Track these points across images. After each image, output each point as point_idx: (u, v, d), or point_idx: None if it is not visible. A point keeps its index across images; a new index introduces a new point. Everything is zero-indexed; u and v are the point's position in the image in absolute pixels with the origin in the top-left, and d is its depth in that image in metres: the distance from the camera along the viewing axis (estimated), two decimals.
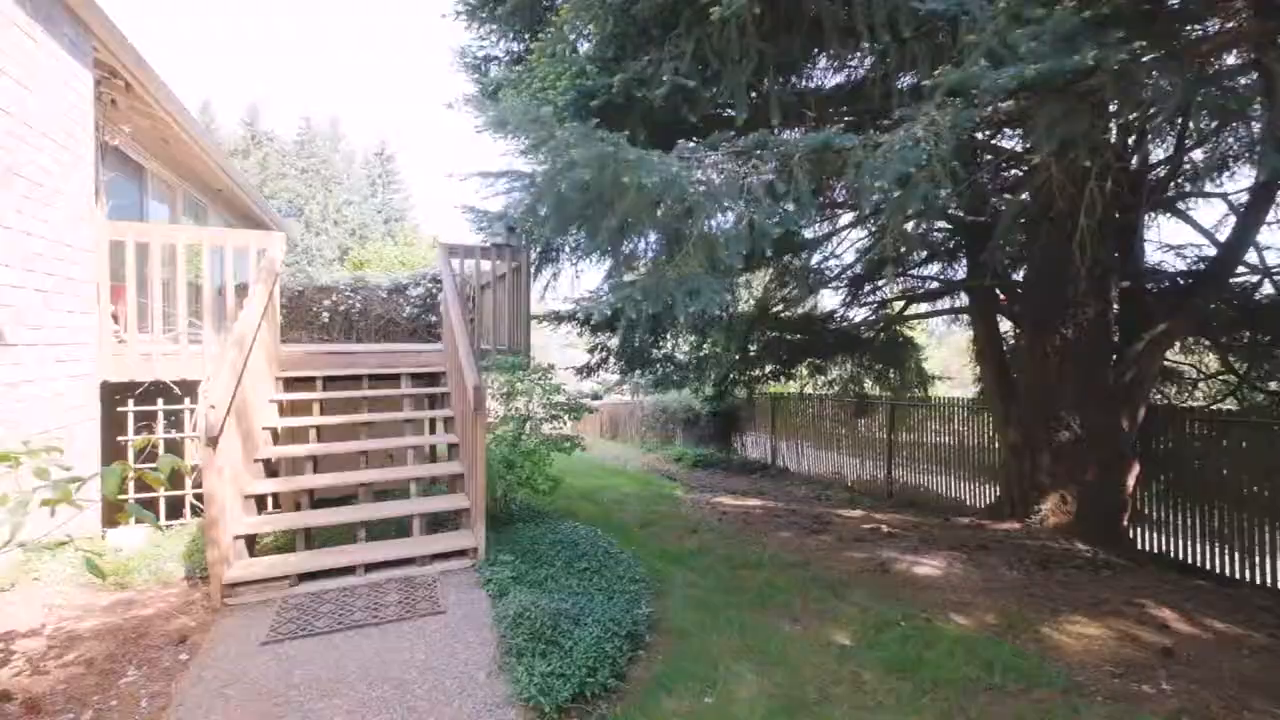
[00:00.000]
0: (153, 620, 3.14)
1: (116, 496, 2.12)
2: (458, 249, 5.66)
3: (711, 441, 14.49)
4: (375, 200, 36.62)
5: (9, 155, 3.55)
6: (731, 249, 2.52)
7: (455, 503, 4.08)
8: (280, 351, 5.06)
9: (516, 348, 5.89)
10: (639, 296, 2.62)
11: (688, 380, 11.24)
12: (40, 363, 3.83)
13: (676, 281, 2.62)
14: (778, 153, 2.53)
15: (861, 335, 10.55)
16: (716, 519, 6.70)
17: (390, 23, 78.57)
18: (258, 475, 4.11)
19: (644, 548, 4.99)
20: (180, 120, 6.22)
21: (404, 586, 3.45)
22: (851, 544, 5.48)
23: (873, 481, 10.57)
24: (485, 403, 3.75)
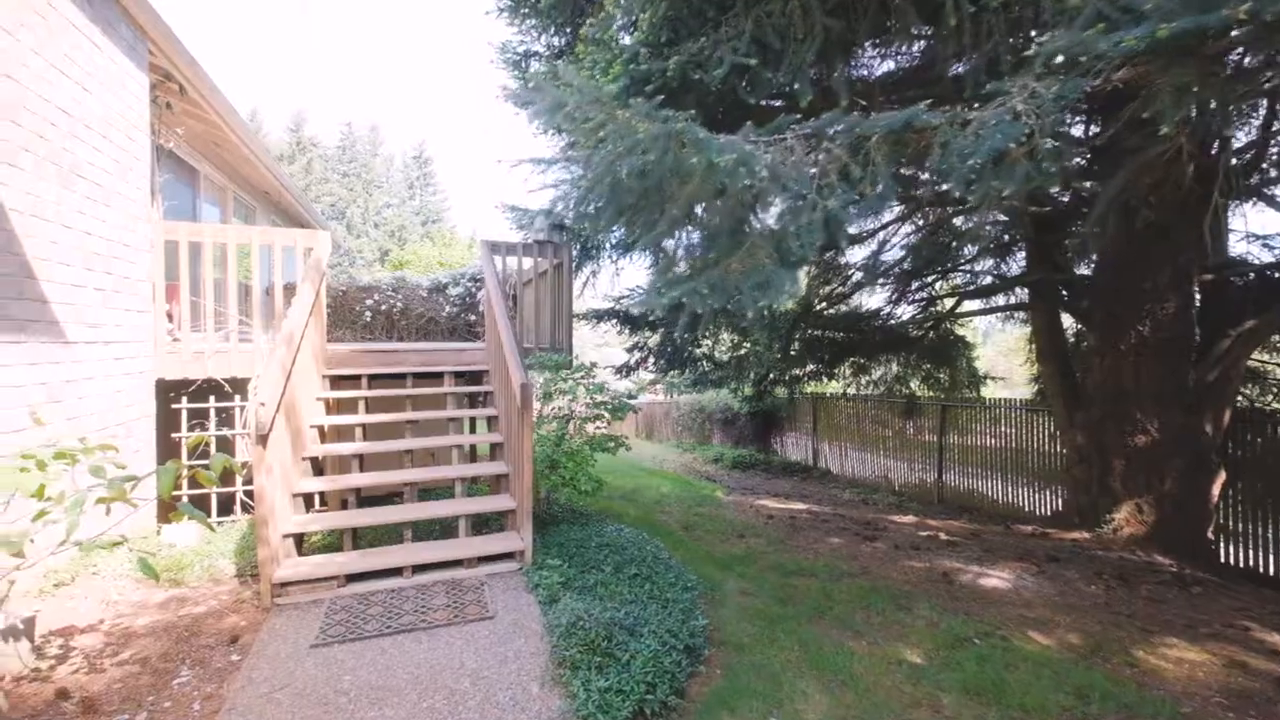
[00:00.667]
0: (205, 618, 3.13)
1: (169, 495, 2.07)
2: (500, 246, 5.59)
3: (750, 442, 14.21)
4: (413, 203, 37.37)
5: (70, 156, 3.61)
6: (804, 239, 2.34)
7: (500, 503, 4.00)
8: (326, 350, 5.08)
9: (558, 346, 5.80)
10: (705, 290, 2.46)
11: (726, 380, 11.02)
12: (99, 360, 3.89)
13: (743, 274, 2.45)
14: (852, 134, 2.33)
15: (909, 334, 10.16)
16: (762, 523, 6.48)
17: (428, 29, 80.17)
18: (305, 473, 4.10)
19: (690, 552, 4.82)
20: (231, 123, 6.33)
21: (451, 589, 3.37)
22: (908, 552, 5.20)
23: (921, 486, 10.16)
24: (533, 401, 3.64)
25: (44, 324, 3.34)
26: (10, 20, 3.10)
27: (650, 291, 2.91)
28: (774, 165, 2.31)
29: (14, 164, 3.11)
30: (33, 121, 3.27)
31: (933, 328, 10.05)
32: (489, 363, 5.39)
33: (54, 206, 3.44)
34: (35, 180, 3.28)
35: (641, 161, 2.35)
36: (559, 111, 2.44)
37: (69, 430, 3.57)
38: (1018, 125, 2.00)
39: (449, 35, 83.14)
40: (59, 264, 3.48)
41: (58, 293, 3.47)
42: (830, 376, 11.29)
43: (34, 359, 3.26)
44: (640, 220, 2.84)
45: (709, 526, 6.14)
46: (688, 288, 2.48)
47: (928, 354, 10.33)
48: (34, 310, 3.26)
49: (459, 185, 59.82)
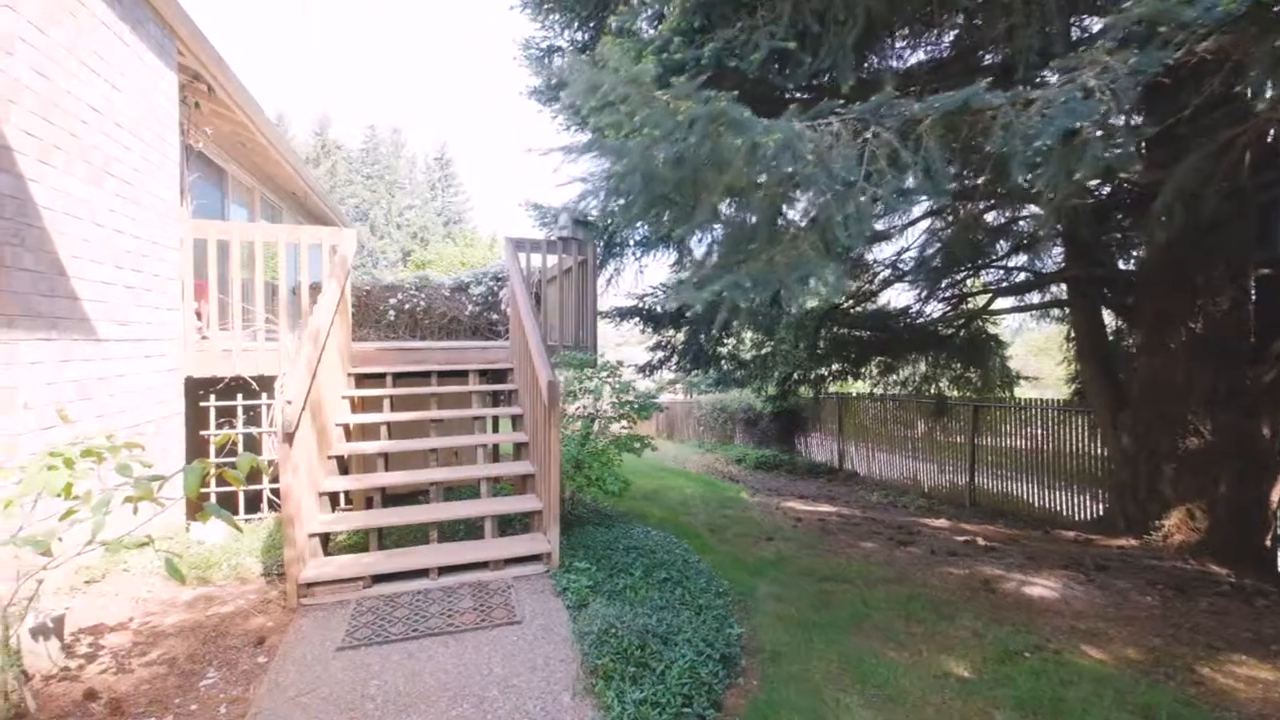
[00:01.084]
0: (232, 619, 3.09)
1: (196, 494, 2.01)
2: (524, 243, 5.52)
3: (773, 442, 14.00)
4: (435, 204, 37.71)
5: (100, 154, 3.61)
6: (851, 228, 2.21)
7: (526, 504, 3.92)
8: (352, 348, 5.06)
9: (583, 344, 5.71)
10: (747, 283, 2.34)
11: (750, 379, 10.85)
12: (129, 358, 3.90)
13: (788, 266, 2.33)
14: (902, 118, 2.19)
15: (939, 332, 9.89)
16: (790, 526, 6.32)
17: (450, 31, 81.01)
18: (331, 472, 4.07)
19: (718, 556, 4.70)
20: (258, 123, 6.36)
21: (478, 592, 3.30)
22: (946, 558, 5.00)
23: (952, 488, 9.88)
24: (560, 400, 3.55)
25: (75, 321, 3.35)
26: (41, 17, 3.10)
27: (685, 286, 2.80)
28: (819, 150, 2.18)
29: (46, 161, 3.11)
30: (64, 119, 3.27)
31: (964, 326, 9.79)
32: (513, 361, 5.33)
33: (85, 204, 3.45)
34: (66, 178, 3.28)
35: (678, 148, 2.24)
36: (594, 94, 2.34)
37: (100, 428, 3.57)
38: (1090, 103, 1.84)
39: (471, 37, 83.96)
40: (90, 261, 3.48)
41: (88, 290, 3.47)
42: (856, 376, 11.06)
43: (66, 356, 3.26)
44: (674, 212, 2.72)
45: (736, 529, 6.00)
46: (728, 281, 2.36)
47: (958, 353, 10.05)
48: (65, 308, 3.27)
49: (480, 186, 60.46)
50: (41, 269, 3.07)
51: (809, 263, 2.33)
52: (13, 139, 2.88)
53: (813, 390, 11.49)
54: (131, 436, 3.88)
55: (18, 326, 2.90)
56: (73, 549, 2.26)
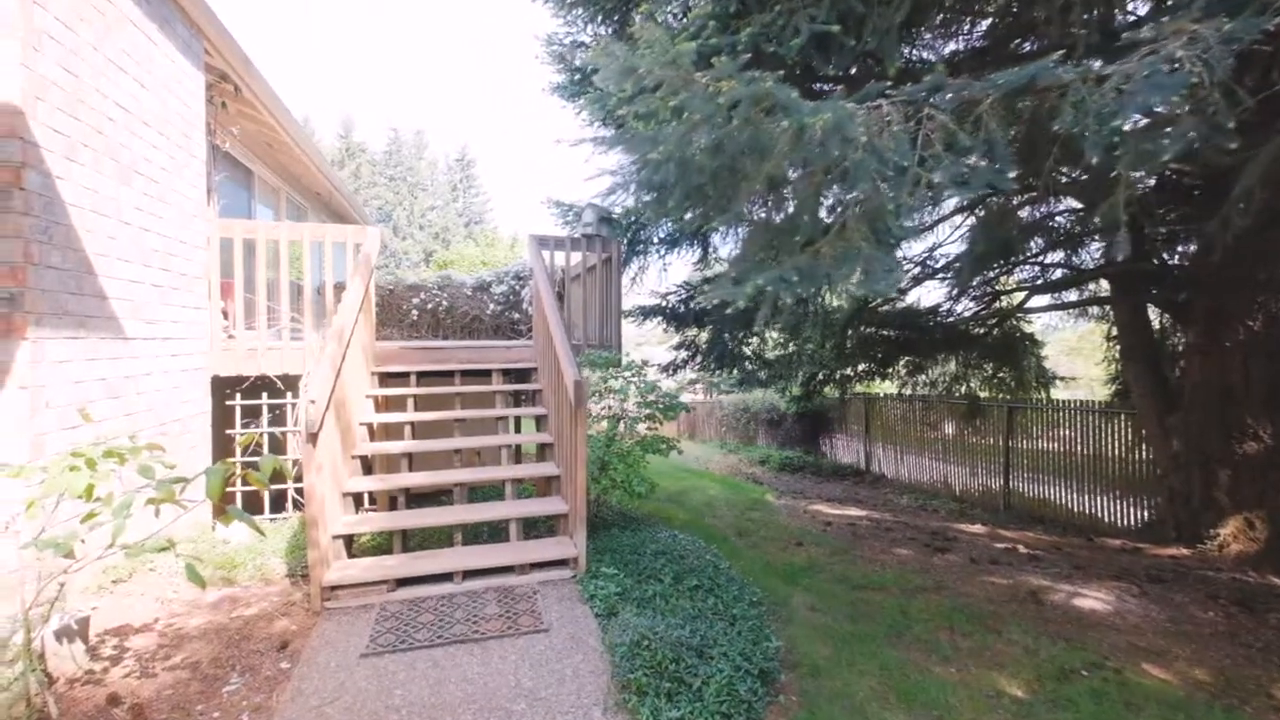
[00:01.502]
0: (256, 622, 3.04)
1: (218, 497, 1.94)
2: (548, 240, 5.44)
3: (797, 444, 13.76)
4: (456, 204, 38.01)
5: (128, 152, 3.60)
6: (904, 216, 2.06)
7: (552, 507, 3.82)
8: (375, 346, 5.02)
9: (607, 343, 5.61)
10: (794, 278, 2.20)
11: (774, 379, 10.64)
12: (156, 357, 3.89)
13: (837, 259, 2.18)
14: (960, 98, 2.03)
15: (969, 331, 9.59)
16: (820, 530, 6.14)
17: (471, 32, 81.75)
18: (355, 472, 4.01)
19: (747, 562, 4.55)
20: (284, 123, 6.38)
21: (503, 597, 3.20)
22: (987, 566, 4.79)
23: (985, 492, 9.58)
24: (587, 400, 3.44)
25: (102, 320, 3.33)
26: (69, 14, 3.09)
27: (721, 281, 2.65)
28: (870, 134, 2.03)
29: (73, 159, 3.09)
30: (91, 117, 3.25)
31: (996, 325, 9.48)
32: (537, 360, 5.24)
33: (112, 202, 3.43)
34: (93, 175, 3.27)
35: (718, 134, 2.10)
36: (629, 78, 2.22)
37: (127, 427, 3.56)
38: (1178, 76, 1.67)
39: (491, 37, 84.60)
40: (117, 260, 3.47)
41: (116, 288, 3.46)
42: (883, 376, 10.80)
43: (93, 355, 3.24)
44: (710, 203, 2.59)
45: (764, 533, 5.85)
46: (772, 275, 2.22)
47: (990, 353, 9.74)
48: (93, 306, 3.25)
49: (500, 187, 60.89)
50: (69, 267, 3.06)
51: (859, 254, 2.18)
52: (40, 136, 2.86)
53: (838, 390, 11.25)
54: (158, 435, 3.88)
55: (45, 325, 2.88)
56: (95, 552, 2.21)
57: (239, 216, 6.85)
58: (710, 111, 2.10)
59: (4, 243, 2.73)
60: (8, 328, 2.74)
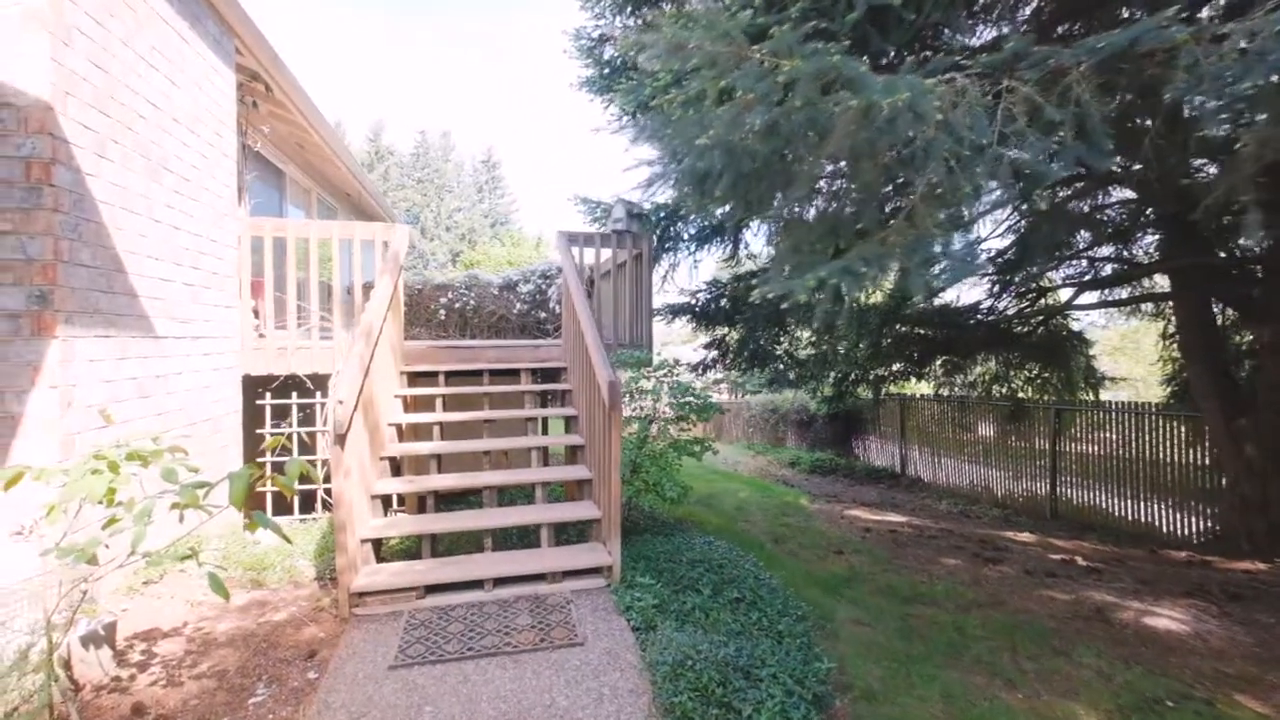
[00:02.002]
0: (284, 628, 2.96)
1: (242, 504, 1.84)
2: (577, 237, 5.30)
3: (828, 445, 13.42)
4: (482, 205, 38.33)
5: (158, 149, 3.57)
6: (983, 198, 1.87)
7: (584, 512, 3.67)
8: (404, 345, 4.95)
9: (638, 342, 5.45)
10: (862, 268, 2.01)
11: (805, 379, 10.36)
12: (187, 356, 3.86)
13: (908, 246, 1.99)
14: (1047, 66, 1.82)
15: (1012, 329, 9.18)
16: (859, 537, 5.89)
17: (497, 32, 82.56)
18: (384, 473, 3.93)
19: (786, 571, 4.34)
20: (314, 123, 6.37)
21: (535, 607, 3.07)
22: (1043, 579, 4.50)
23: (1029, 498, 9.16)
24: (621, 401, 3.29)
25: (133, 318, 3.30)
26: (99, 9, 3.05)
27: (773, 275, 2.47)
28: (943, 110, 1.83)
29: (103, 155, 3.05)
30: (121, 113, 3.22)
31: (1042, 323, 9.07)
32: (566, 359, 5.11)
33: (142, 199, 3.40)
34: (124, 172, 3.23)
35: (772, 115, 1.92)
36: (677, 55, 2.06)
37: (159, 426, 3.53)
38: None
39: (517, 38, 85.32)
40: (147, 257, 3.43)
41: (146, 286, 3.42)
42: (919, 376, 10.43)
43: (123, 353, 3.21)
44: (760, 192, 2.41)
45: (801, 539, 5.63)
46: (836, 266, 2.03)
47: (1035, 352, 9.30)
48: (123, 304, 3.21)
49: (525, 187, 61.27)
50: (99, 264, 3.02)
51: (931, 240, 1.98)
52: (69, 132, 2.82)
53: (872, 391, 10.90)
54: (189, 435, 3.84)
55: (75, 323, 2.84)
56: (119, 558, 2.13)
57: (271, 217, 6.88)
58: (765, 90, 1.92)
59: (34, 240, 2.70)
60: (38, 326, 2.70)
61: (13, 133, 2.67)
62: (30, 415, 2.69)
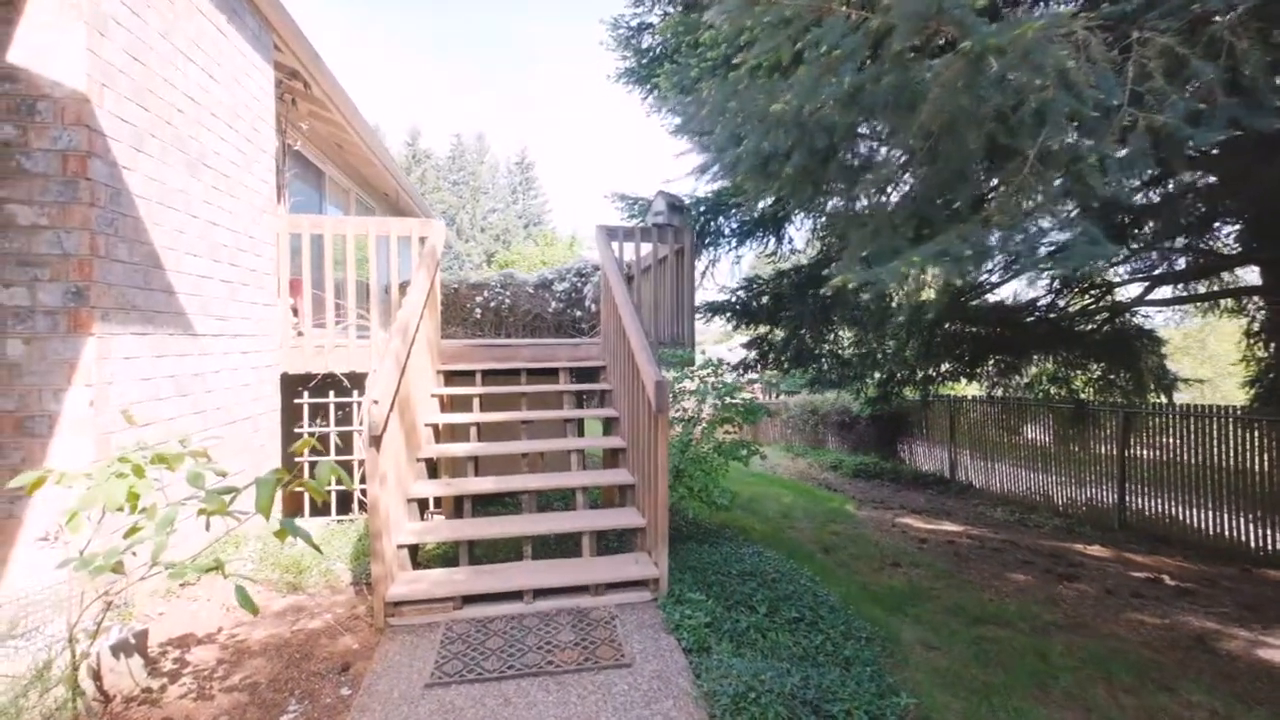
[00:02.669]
0: (318, 637, 2.84)
1: (268, 512, 1.69)
2: (616, 231, 5.11)
3: (871, 448, 12.93)
4: (516, 206, 38.64)
5: (196, 144, 3.51)
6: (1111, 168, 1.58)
7: (628, 519, 3.47)
8: (440, 343, 4.83)
9: (680, 340, 5.23)
10: (965, 251, 1.75)
11: (848, 380, 9.96)
12: (226, 353, 3.80)
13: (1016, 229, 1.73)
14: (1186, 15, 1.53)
15: (1073, 327, 8.62)
16: (915, 548, 5.54)
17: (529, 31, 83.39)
18: (420, 475, 3.81)
19: (841, 585, 4.06)
20: (353, 121, 6.34)
21: (577, 622, 2.87)
22: (1129, 600, 4.10)
23: (1093, 507, 8.57)
24: (669, 403, 3.07)
25: (171, 315, 3.24)
26: (137, 0, 2.98)
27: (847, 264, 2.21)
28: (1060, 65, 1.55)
29: (140, 149, 2.99)
30: (159, 106, 3.16)
31: (1107, 320, 8.49)
32: (605, 358, 4.92)
33: (180, 195, 3.34)
34: (161, 167, 3.17)
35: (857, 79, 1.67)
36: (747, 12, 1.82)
37: (197, 425, 3.47)
38: None
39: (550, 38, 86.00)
40: (185, 254, 3.37)
41: (184, 283, 3.36)
42: (970, 377, 9.93)
43: (161, 351, 3.15)
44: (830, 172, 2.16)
45: (852, 549, 5.31)
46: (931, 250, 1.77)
47: (1099, 351, 8.72)
48: (161, 301, 3.15)
49: (558, 188, 61.63)
50: (136, 260, 2.95)
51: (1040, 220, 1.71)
52: (106, 124, 2.75)
53: (919, 392, 10.42)
54: (223, 437, 3.79)
55: (112, 320, 2.78)
56: (145, 567, 2.01)
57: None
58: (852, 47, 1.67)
59: (70, 235, 2.63)
60: (74, 323, 2.64)
61: (49, 125, 2.61)
62: (66, 414, 2.63)
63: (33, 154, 2.61)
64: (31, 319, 2.61)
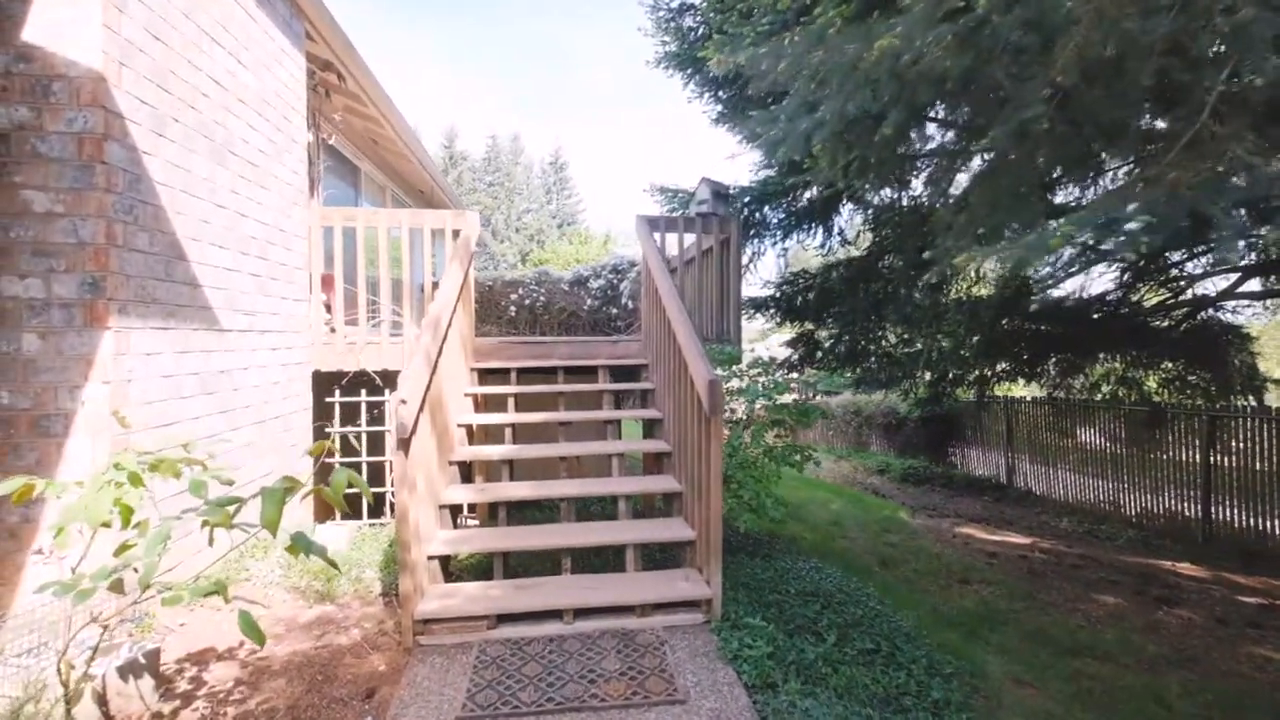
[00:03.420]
0: (344, 655, 2.63)
1: (276, 526, 1.45)
2: (658, 221, 4.81)
3: (919, 451, 12.31)
4: (550, 206, 38.75)
5: (223, 131, 3.36)
6: None
7: (674, 531, 3.17)
8: (475, 341, 4.62)
9: (725, 336, 4.90)
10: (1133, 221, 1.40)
11: (898, 379, 9.45)
12: (254, 350, 3.65)
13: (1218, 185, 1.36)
14: None
15: (1148, 323, 7.95)
16: (983, 562, 5.08)
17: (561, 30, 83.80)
18: (453, 479, 3.59)
19: (904, 601, 3.68)
20: (388, 115, 6.21)
21: (623, 647, 2.59)
22: (1245, 630, 3.59)
23: (1173, 519, 7.85)
24: (723, 404, 2.76)
25: (194, 309, 3.08)
26: None
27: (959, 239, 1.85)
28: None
29: (161, 133, 2.83)
30: (182, 90, 3.00)
31: (1188, 315, 7.80)
32: (646, 356, 4.64)
33: (205, 183, 3.18)
34: (185, 153, 3.01)
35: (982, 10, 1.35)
36: None
37: (223, 425, 3.32)
38: None
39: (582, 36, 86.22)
40: (210, 245, 3.22)
41: (209, 276, 3.21)
42: (1029, 377, 9.31)
43: (184, 347, 2.99)
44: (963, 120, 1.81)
45: (914, 563, 4.90)
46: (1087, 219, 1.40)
47: (1177, 350, 8.02)
48: (183, 294, 3.00)
49: (591, 188, 61.70)
50: (157, 251, 2.80)
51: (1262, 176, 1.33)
52: (124, 105, 2.59)
53: (976, 392, 9.82)
54: (257, 433, 3.64)
55: (130, 313, 2.62)
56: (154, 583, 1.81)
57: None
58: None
59: (85, 223, 2.48)
60: (90, 316, 2.48)
61: (64, 106, 2.46)
62: (82, 413, 2.48)
63: (48, 137, 2.46)
64: (47, 312, 2.47)
